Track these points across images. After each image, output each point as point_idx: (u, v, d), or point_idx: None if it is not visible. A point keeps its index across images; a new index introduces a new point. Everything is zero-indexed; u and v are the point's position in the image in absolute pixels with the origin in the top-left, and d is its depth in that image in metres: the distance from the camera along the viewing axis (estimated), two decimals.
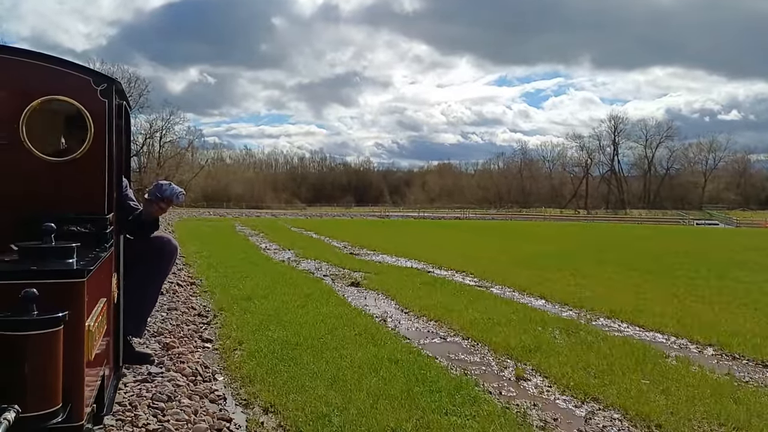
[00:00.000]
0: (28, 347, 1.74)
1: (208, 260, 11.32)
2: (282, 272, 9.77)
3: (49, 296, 1.80)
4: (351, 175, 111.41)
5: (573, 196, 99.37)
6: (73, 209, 2.56)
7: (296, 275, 9.52)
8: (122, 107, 3.02)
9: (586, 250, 17.62)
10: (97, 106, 2.59)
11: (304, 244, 16.44)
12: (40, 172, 2.52)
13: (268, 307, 6.56)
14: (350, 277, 9.63)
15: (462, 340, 5.59)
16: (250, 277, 9.01)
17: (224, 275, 9.18)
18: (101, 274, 2.34)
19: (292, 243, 16.42)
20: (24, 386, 1.74)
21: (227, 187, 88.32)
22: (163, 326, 5.36)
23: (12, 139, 2.45)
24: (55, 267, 1.98)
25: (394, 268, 11.08)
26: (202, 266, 10.40)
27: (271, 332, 5.38)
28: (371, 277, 9.66)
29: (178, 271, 9.50)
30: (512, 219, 58.20)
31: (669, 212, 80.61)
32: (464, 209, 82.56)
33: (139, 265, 3.18)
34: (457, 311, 6.69)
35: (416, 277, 9.83)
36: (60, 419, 1.83)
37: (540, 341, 5.38)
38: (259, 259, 11.75)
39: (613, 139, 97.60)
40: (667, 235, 30.31)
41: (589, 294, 8.41)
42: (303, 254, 13.40)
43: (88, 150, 2.55)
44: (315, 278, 9.39)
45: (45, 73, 2.56)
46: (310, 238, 19.45)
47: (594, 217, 69.04)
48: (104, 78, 2.67)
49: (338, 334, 5.42)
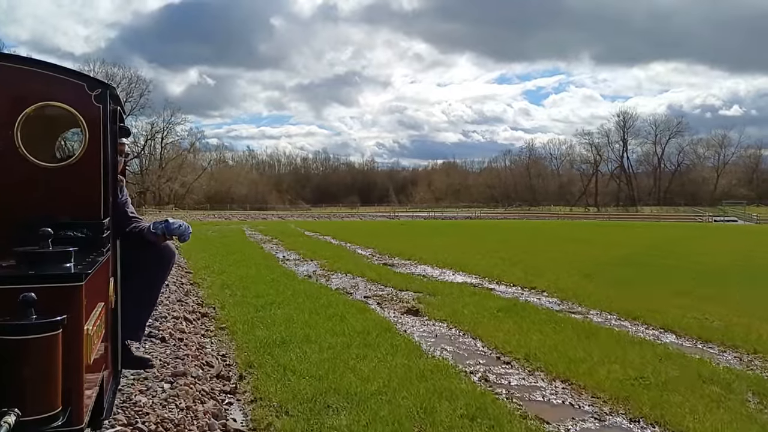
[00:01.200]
0: (27, 351, 1.74)
1: (220, 278, 9.36)
2: (314, 294, 7.80)
3: (47, 300, 1.81)
4: (355, 174, 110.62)
5: (582, 193, 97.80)
6: (70, 214, 2.55)
7: (334, 299, 7.53)
8: (116, 112, 2.90)
9: (657, 253, 15.55)
10: (91, 111, 2.58)
11: (327, 252, 14.43)
12: (35, 177, 2.51)
13: (315, 359, 4.58)
14: (401, 301, 7.66)
15: (630, 423, 3.61)
16: (277, 303, 7.04)
17: (243, 300, 7.22)
18: (99, 278, 2.32)
19: (312, 251, 14.43)
20: (24, 390, 1.74)
21: (230, 189, 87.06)
22: (167, 413, 3.35)
23: (7, 145, 2.45)
24: (53, 271, 1.98)
25: (447, 286, 9.09)
26: (214, 287, 8.43)
27: (335, 415, 3.42)
28: (428, 300, 7.67)
29: (185, 297, 7.54)
30: (526, 218, 56.13)
31: (681, 209, 78.71)
32: (471, 208, 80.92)
33: (137, 270, 3.14)
34: (579, 361, 4.72)
35: (483, 299, 7.83)
36: (60, 423, 1.82)
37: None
38: (282, 275, 9.76)
39: (622, 136, 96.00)
40: (716, 234, 28.20)
41: (720, 323, 6.44)
42: (330, 266, 11.42)
43: (84, 155, 2.56)
44: (358, 303, 7.41)
45: (39, 79, 2.54)
46: (330, 245, 17.45)
47: (609, 215, 66.91)
48: (98, 83, 2.66)
49: (440, 417, 3.45)
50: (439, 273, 10.83)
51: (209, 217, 44.58)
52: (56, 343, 1.80)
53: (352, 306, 7.00)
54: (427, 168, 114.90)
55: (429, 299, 7.70)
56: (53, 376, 1.80)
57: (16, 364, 1.73)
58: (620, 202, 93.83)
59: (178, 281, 9.03)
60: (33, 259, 2.05)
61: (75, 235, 2.49)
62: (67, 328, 1.83)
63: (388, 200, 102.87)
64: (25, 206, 2.50)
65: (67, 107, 2.53)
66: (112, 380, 2.86)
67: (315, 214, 61.64)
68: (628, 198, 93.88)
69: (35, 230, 2.12)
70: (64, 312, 1.84)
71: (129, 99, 68.42)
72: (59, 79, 2.57)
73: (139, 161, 73.53)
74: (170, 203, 72.99)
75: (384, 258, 13.59)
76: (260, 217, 46.74)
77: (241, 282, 8.78)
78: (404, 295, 8.09)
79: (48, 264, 2.04)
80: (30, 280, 1.89)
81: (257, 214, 55.18)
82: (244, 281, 8.86)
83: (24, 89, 2.52)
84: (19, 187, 2.52)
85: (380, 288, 8.83)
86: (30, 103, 2.47)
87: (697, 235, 27.24)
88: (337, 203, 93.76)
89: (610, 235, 26.05)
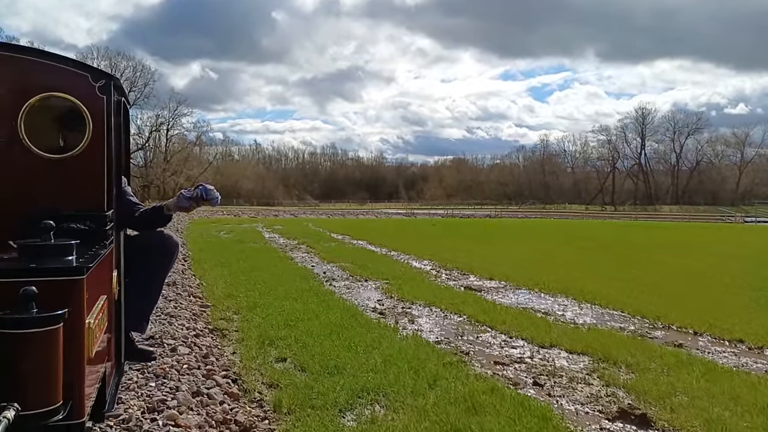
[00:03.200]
0: (27, 345, 1.72)
1: (254, 319, 6.13)
2: (421, 365, 4.58)
3: (48, 294, 1.78)
4: (364, 170, 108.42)
5: (599, 191, 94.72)
6: (72, 206, 2.51)
7: (464, 382, 4.31)
8: (121, 103, 2.92)
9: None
10: (95, 102, 2.54)
11: (377, 266, 11.12)
12: (38, 169, 2.47)
13: None
14: (574, 381, 4.45)
15: None
16: (378, 389, 3.87)
17: (314, 385, 4.02)
18: (101, 271, 2.29)
19: (359, 265, 11.16)
20: (24, 384, 1.72)
21: (237, 184, 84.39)
22: None
23: (10, 136, 2.41)
24: (55, 264, 1.95)
25: (601, 334, 5.86)
26: (250, 341, 5.21)
27: None
28: (637, 385, 4.41)
29: (203, 363, 4.29)
30: (551, 217, 52.76)
31: (701, 208, 75.53)
32: (484, 206, 78.00)
33: (140, 262, 3.11)
34: None
35: (690, 367, 4.59)
36: (60, 417, 1.80)
37: None
38: (345, 315, 6.43)
39: (640, 132, 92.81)
40: None
41: None
42: (397, 292, 8.18)
43: (87, 147, 2.51)
44: (494, 383, 4.21)
45: (43, 70, 2.50)
46: (372, 254, 14.16)
47: (633, 214, 63.43)
48: (103, 74, 2.62)
49: None
50: (561, 307, 7.59)
51: (217, 213, 41.32)
52: (57, 337, 1.76)
53: (521, 408, 3.76)
54: (437, 164, 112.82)
55: (634, 383, 4.44)
56: (54, 370, 1.77)
57: (16, 358, 1.70)
58: (637, 200, 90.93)
59: (191, 322, 5.88)
60: (34, 252, 2.01)
61: (78, 227, 2.44)
62: (68, 321, 1.79)
63: (398, 197, 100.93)
64: (28, 198, 2.47)
65: (71, 98, 2.49)
66: (114, 373, 2.82)
67: (327, 210, 58.28)
68: (645, 196, 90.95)
69: (38, 222, 2.06)
70: (66, 305, 1.80)
71: (133, 89, 65.54)
72: (63, 70, 2.53)
73: (144, 154, 70.48)
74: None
75: (454, 275, 10.38)
76: (271, 215, 43.42)
77: (289, 331, 5.54)
78: (566, 365, 4.89)
79: (49, 257, 1.99)
80: (31, 274, 1.87)
81: (268, 211, 51.82)
82: (294, 330, 5.63)
83: (28, 80, 2.47)
84: (22, 179, 2.48)
85: (508, 342, 5.63)
86: (34, 93, 2.42)
87: None
88: (345, 199, 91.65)
89: (698, 239, 22.60)
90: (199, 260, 11.27)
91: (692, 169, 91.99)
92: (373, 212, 55.69)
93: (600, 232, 27.61)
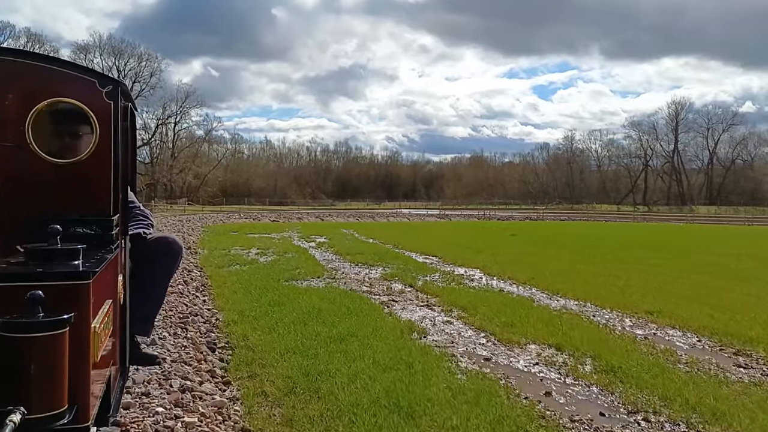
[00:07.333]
0: (33, 349, 1.69)
1: None
2: None
3: (54, 298, 1.77)
4: (378, 168, 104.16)
5: (630, 191, 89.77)
6: (79, 211, 2.51)
7: None
8: (128, 109, 2.93)
9: None
10: (102, 107, 2.54)
11: (576, 338, 6.04)
12: (46, 174, 2.47)
13: None
14: None
15: None
16: None
17: None
18: (107, 275, 2.31)
19: (484, 316, 6.08)
20: (29, 388, 1.70)
21: (248, 182, 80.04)
22: None
23: (18, 141, 2.42)
24: (61, 269, 1.94)
25: None
26: None
27: None
28: None
29: None
30: (604, 220, 47.53)
31: (741, 209, 70.36)
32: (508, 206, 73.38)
33: (144, 266, 3.14)
34: None
35: None
36: (66, 421, 1.78)
37: None
38: None
39: (673, 128, 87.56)
40: None
41: None
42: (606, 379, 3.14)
43: (94, 152, 2.51)
44: None
45: (50, 75, 2.50)
46: (524, 301, 9.07)
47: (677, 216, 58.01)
48: (109, 80, 2.62)
49: None
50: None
51: (233, 216, 36.11)
52: (63, 341, 1.74)
53: None
54: (454, 161, 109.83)
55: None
56: (59, 374, 1.74)
57: (22, 362, 1.67)
58: (671, 200, 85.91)
59: None
60: (41, 257, 2.01)
61: (84, 231, 2.45)
62: (74, 326, 1.77)
63: (415, 196, 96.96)
64: (35, 202, 2.47)
65: (78, 103, 2.48)
66: (119, 377, 2.83)
67: (346, 211, 53.20)
68: (678, 196, 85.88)
69: (45, 227, 2.07)
70: (72, 310, 1.78)
71: (138, 79, 60.98)
72: (70, 76, 2.54)
73: (149, 150, 65.80)
74: (182, 196, 65.18)
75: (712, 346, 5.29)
76: (294, 218, 38.13)
77: None
78: None
79: (56, 261, 1.99)
80: (37, 278, 1.85)
81: (287, 213, 46.54)
82: None
83: (35, 85, 2.48)
84: (29, 183, 2.47)
85: None
86: (41, 99, 2.42)
87: None
88: (360, 198, 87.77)
89: None
90: (248, 341, 6.11)
91: (727, 168, 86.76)
92: (399, 213, 50.61)
93: (699, 239, 22.35)
